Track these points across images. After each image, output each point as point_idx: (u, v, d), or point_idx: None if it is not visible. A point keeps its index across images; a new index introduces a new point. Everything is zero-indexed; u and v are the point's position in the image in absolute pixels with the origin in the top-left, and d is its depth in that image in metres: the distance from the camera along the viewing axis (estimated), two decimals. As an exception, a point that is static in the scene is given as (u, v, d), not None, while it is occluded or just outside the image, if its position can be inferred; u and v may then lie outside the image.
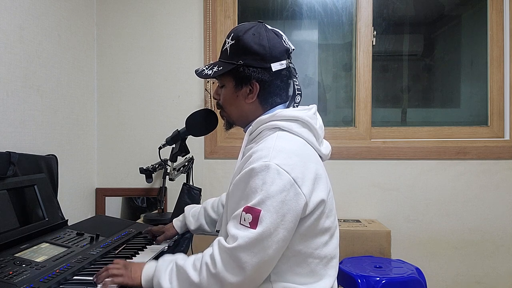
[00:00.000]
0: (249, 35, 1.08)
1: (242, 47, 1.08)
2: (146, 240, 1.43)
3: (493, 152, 2.11)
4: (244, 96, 1.10)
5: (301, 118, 1.06)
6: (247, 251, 0.90)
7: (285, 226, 0.93)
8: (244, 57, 1.08)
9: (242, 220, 0.93)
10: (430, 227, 2.14)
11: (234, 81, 1.11)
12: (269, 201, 0.92)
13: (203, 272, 0.93)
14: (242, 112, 1.13)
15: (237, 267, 0.91)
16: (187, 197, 1.80)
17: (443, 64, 2.36)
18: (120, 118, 2.26)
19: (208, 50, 2.19)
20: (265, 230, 0.91)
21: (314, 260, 1.02)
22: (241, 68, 1.08)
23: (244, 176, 0.98)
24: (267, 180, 0.93)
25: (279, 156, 0.96)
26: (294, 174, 0.95)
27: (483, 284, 2.12)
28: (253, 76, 1.07)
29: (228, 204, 1.06)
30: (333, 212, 1.09)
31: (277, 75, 1.09)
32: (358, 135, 2.22)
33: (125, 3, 2.24)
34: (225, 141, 2.24)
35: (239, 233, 0.92)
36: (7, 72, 1.52)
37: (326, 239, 1.04)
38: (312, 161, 1.02)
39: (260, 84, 1.08)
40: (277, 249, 0.93)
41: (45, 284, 0.97)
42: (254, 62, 1.07)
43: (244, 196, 0.96)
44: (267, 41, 1.07)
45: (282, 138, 1.03)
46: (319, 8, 2.31)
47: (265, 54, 1.06)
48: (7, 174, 1.35)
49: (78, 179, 2.07)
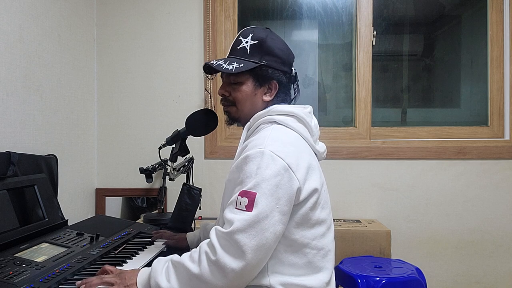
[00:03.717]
0: (271, 38, 1.16)
1: (266, 49, 1.14)
2: (146, 240, 1.43)
3: (493, 152, 2.11)
4: (262, 94, 1.16)
5: (296, 113, 1.11)
6: (244, 233, 0.91)
7: (280, 209, 0.95)
8: (267, 57, 1.14)
9: (238, 205, 0.95)
10: (430, 227, 2.14)
11: (253, 79, 1.15)
12: (264, 184, 0.94)
13: (203, 261, 0.93)
14: (256, 109, 1.17)
15: (237, 251, 0.91)
16: (187, 197, 1.80)
17: (443, 64, 2.36)
18: (120, 118, 2.26)
19: (208, 50, 2.19)
20: (261, 211, 0.93)
21: (311, 251, 1.03)
22: (264, 68, 1.14)
23: (239, 163, 1.01)
24: (262, 165, 0.96)
25: (274, 144, 1.00)
26: (288, 160, 0.98)
27: (483, 284, 2.12)
28: (275, 77, 1.15)
29: (225, 193, 1.09)
30: (328, 205, 1.11)
31: (290, 78, 1.19)
32: (358, 135, 2.22)
33: (125, 3, 2.24)
34: (225, 141, 2.24)
35: (236, 217, 0.93)
36: (7, 72, 1.52)
37: (323, 231, 1.06)
38: (306, 152, 1.06)
39: (279, 85, 1.16)
40: (274, 232, 0.94)
41: (45, 284, 0.97)
42: (276, 64, 1.14)
43: (239, 182, 0.99)
44: (285, 47, 1.18)
45: (277, 130, 1.07)
46: (319, 8, 2.31)
47: (285, 58, 1.16)
48: (7, 174, 1.35)
49: (78, 179, 2.07)
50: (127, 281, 0.99)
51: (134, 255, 1.27)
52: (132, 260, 1.23)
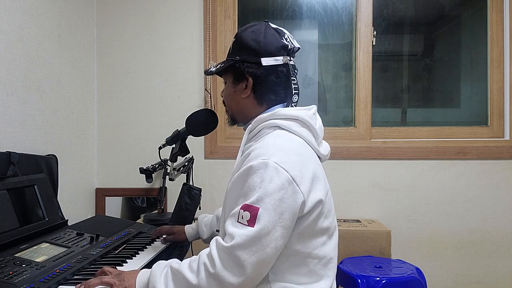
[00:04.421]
0: (248, 32, 1.12)
1: (240, 44, 1.12)
2: (146, 240, 1.43)
3: (493, 152, 2.11)
4: (241, 91, 1.13)
5: (300, 117, 1.06)
6: (245, 249, 0.89)
7: (282, 224, 0.92)
8: (240, 53, 1.11)
9: (240, 218, 0.92)
10: (430, 227, 2.14)
11: (233, 77, 1.15)
12: (267, 199, 0.92)
13: (201, 272, 0.92)
14: (240, 107, 1.16)
15: (236, 266, 0.90)
16: (187, 197, 1.80)
17: (443, 64, 2.36)
18: (120, 118, 2.26)
19: (208, 50, 2.19)
20: (263, 228, 0.90)
21: (312, 260, 1.01)
22: (237, 64, 1.11)
23: (242, 174, 0.98)
24: (266, 178, 0.93)
25: (278, 154, 0.96)
26: (293, 172, 0.95)
27: (483, 284, 2.12)
28: (246, 70, 1.10)
29: (226, 202, 1.06)
30: (332, 213, 1.08)
31: (271, 70, 1.10)
32: (358, 135, 2.22)
33: (125, 3, 2.24)
34: (225, 141, 2.24)
35: (237, 231, 0.91)
36: (7, 72, 1.52)
37: (325, 239, 1.04)
38: (310, 161, 1.03)
39: (253, 79, 1.10)
40: (275, 247, 0.92)
41: (45, 284, 0.97)
42: (249, 57, 1.10)
43: (242, 194, 0.96)
44: (263, 37, 1.09)
45: (281, 136, 1.03)
46: (319, 8, 2.31)
47: (258, 49, 1.09)
48: (7, 174, 1.35)
49: (78, 179, 2.07)
50: (126, 282, 0.98)
51: (134, 255, 1.27)
52: (132, 260, 1.23)
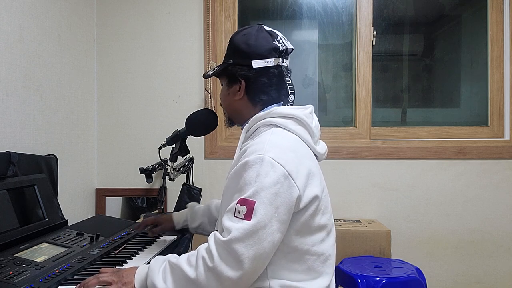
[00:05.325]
0: (240, 36, 1.14)
1: (232, 47, 1.15)
2: (146, 240, 1.43)
3: (493, 152, 2.11)
4: (234, 93, 1.15)
5: (296, 115, 1.08)
6: (242, 243, 0.90)
7: (279, 218, 0.93)
8: (233, 56, 1.14)
9: (237, 213, 0.94)
10: (430, 227, 2.14)
11: (227, 79, 1.17)
12: (263, 193, 0.93)
13: (199, 267, 0.93)
14: (234, 108, 1.18)
15: (234, 260, 0.90)
16: (187, 197, 1.80)
17: (443, 64, 2.36)
18: (120, 118, 2.26)
19: (208, 50, 2.19)
20: (259, 221, 0.91)
21: (311, 257, 1.02)
22: (230, 67, 1.14)
23: (238, 169, 0.99)
24: (261, 172, 0.94)
25: (274, 150, 0.97)
26: (288, 167, 0.96)
27: (483, 284, 2.12)
28: (239, 73, 1.12)
29: (223, 199, 1.07)
30: (329, 210, 1.09)
31: (262, 72, 1.11)
32: (358, 135, 2.22)
33: (125, 3, 2.24)
34: (225, 141, 2.24)
35: (234, 225, 0.92)
36: (7, 72, 1.52)
37: (323, 236, 1.05)
38: (306, 158, 1.04)
39: (245, 81, 1.12)
40: (272, 241, 0.93)
41: (45, 284, 0.97)
42: (241, 60, 1.12)
43: (238, 189, 0.97)
44: (254, 40, 1.11)
45: (277, 134, 1.05)
46: (319, 8, 2.31)
47: (249, 52, 1.11)
48: (7, 174, 1.35)
49: (78, 179, 2.07)
50: (124, 278, 0.98)
51: (134, 255, 1.27)
52: (132, 260, 1.23)
